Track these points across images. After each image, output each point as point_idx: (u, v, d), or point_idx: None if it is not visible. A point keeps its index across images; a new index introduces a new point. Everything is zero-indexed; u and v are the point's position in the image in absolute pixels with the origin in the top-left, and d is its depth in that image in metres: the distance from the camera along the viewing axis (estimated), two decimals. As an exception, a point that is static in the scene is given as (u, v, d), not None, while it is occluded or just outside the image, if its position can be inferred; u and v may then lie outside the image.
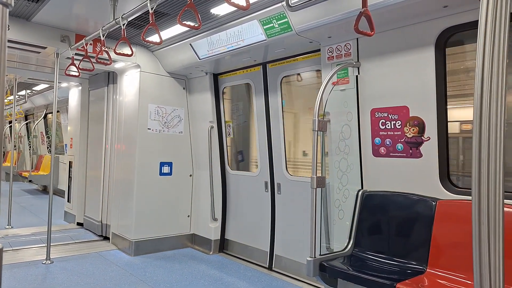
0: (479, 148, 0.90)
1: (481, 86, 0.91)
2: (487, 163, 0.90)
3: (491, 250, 0.92)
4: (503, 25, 0.89)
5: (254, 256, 4.51)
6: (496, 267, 0.92)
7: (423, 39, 2.72)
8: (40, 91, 8.72)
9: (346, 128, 3.23)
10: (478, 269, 0.94)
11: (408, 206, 2.78)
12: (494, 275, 0.92)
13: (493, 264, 0.92)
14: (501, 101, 0.89)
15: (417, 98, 2.77)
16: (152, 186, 4.84)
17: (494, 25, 0.89)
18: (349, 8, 2.72)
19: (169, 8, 3.50)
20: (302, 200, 3.93)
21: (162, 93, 4.97)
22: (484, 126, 0.90)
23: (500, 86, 0.90)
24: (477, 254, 0.94)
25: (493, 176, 0.90)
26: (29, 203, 8.34)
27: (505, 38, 0.90)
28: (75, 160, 6.30)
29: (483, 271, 0.94)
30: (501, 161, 0.90)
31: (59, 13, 3.83)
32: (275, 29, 3.34)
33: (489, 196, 0.90)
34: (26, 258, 4.42)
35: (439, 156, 2.70)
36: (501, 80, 0.90)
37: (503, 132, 0.90)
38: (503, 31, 0.90)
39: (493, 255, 0.92)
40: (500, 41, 0.90)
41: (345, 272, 2.58)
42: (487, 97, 0.89)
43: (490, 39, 0.89)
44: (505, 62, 0.90)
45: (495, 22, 0.89)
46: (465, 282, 2.34)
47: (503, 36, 0.90)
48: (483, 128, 0.89)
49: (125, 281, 3.80)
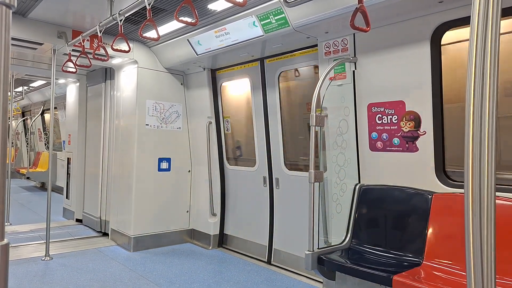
0: (471, 142, 0.92)
1: (473, 80, 0.93)
2: (479, 156, 0.92)
3: (483, 241, 0.94)
4: (494, 20, 0.91)
5: (253, 251, 4.55)
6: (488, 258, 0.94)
7: (418, 35, 2.73)
8: (37, 88, 8.68)
9: (343, 123, 3.25)
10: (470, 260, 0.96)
11: (405, 200, 2.82)
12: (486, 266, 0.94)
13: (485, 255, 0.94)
14: (493, 95, 0.91)
15: (413, 93, 2.80)
16: (150, 182, 4.86)
17: (486, 21, 0.91)
18: (345, 4, 2.73)
19: (166, 3, 3.50)
20: (300, 194, 3.96)
21: (160, 89, 4.97)
22: (475, 120, 0.92)
23: (491, 81, 0.92)
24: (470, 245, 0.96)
25: (484, 169, 0.92)
26: (27, 200, 8.34)
27: (496, 34, 0.92)
28: (73, 156, 6.31)
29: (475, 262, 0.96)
30: (493, 154, 0.92)
31: (55, 9, 3.82)
32: (272, 25, 3.35)
33: (480, 189, 0.92)
34: (25, 255, 4.44)
35: (434, 150, 2.73)
36: (492, 75, 0.92)
37: (495, 126, 0.92)
38: (495, 26, 0.91)
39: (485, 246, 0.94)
40: (492, 37, 0.92)
41: (343, 265, 2.62)
42: (479, 90, 0.92)
43: (482, 34, 0.91)
44: (497, 57, 0.92)
45: (486, 17, 0.90)
46: (460, 274, 2.38)
47: (495, 32, 0.92)
48: (474, 122, 0.92)
49: (125, 277, 3.83)
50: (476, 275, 0.93)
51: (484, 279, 0.92)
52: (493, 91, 0.90)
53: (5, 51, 0.76)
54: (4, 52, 0.76)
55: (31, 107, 11.45)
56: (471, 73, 0.92)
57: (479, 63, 0.91)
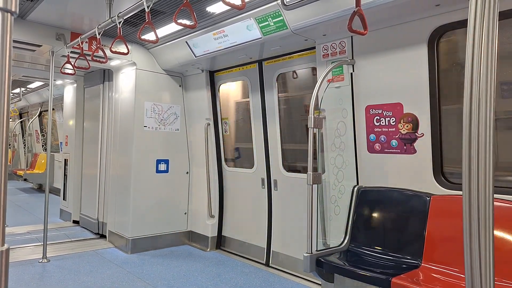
0: (469, 144, 0.92)
1: (470, 82, 0.93)
2: (477, 158, 0.92)
3: (481, 243, 0.94)
4: (491, 23, 0.92)
5: (251, 253, 4.54)
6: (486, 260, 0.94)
7: (416, 37, 2.75)
8: (34, 89, 8.66)
9: (341, 124, 3.26)
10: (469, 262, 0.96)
11: (403, 202, 2.82)
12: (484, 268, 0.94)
13: (483, 257, 0.94)
14: (490, 97, 0.92)
15: (411, 95, 2.81)
16: (148, 184, 4.85)
17: (483, 24, 0.91)
18: (343, 7, 2.74)
19: (164, 6, 3.50)
20: (299, 196, 3.96)
21: (158, 90, 4.97)
22: (474, 122, 0.92)
23: (489, 83, 0.92)
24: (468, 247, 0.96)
25: (483, 171, 0.92)
26: (24, 202, 8.30)
27: (494, 36, 0.92)
28: (70, 158, 6.28)
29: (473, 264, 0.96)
30: (491, 156, 0.92)
31: (54, 11, 3.81)
32: (270, 27, 3.36)
33: (479, 191, 0.93)
34: (22, 257, 4.41)
35: (432, 152, 2.73)
36: (490, 77, 0.92)
37: (493, 128, 0.93)
38: (492, 29, 0.92)
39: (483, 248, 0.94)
40: (489, 40, 0.92)
41: (342, 267, 2.61)
42: (477, 93, 0.92)
43: (479, 37, 0.92)
44: (494, 60, 0.92)
45: (483, 20, 0.91)
46: (458, 276, 2.38)
47: (492, 35, 0.92)
48: (472, 124, 0.92)
49: (123, 279, 3.81)
50: (474, 277, 0.93)
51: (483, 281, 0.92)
52: (490, 92, 0.91)
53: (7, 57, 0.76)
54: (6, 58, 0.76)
55: (29, 109, 11.42)
56: (469, 75, 0.93)
57: (476, 66, 0.91)
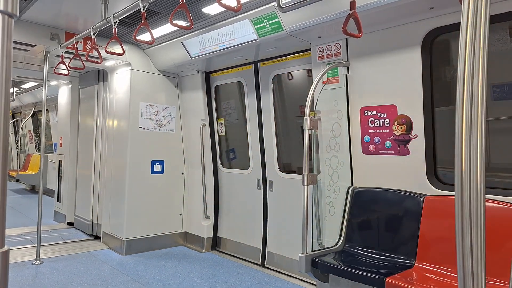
0: (462, 145, 0.94)
1: (462, 84, 0.95)
2: (469, 159, 0.94)
3: (473, 243, 0.96)
4: (483, 27, 0.94)
5: (247, 253, 4.54)
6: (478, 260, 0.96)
7: (410, 40, 2.78)
8: (28, 89, 8.59)
9: (336, 126, 3.28)
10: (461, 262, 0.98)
11: (397, 202, 2.85)
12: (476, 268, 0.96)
13: (475, 257, 0.96)
14: (482, 98, 0.94)
15: (405, 97, 2.84)
16: (143, 185, 4.83)
17: (475, 27, 0.94)
18: (338, 9, 2.77)
19: (160, 6, 3.50)
20: (294, 197, 3.97)
21: (154, 91, 4.96)
22: (466, 123, 0.94)
23: (480, 85, 0.94)
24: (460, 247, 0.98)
25: (475, 171, 0.94)
26: (17, 203, 8.22)
27: (485, 39, 0.94)
28: (65, 159, 6.24)
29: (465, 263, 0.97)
30: (483, 157, 0.94)
31: (48, 11, 3.79)
32: (266, 29, 3.37)
33: (471, 191, 0.94)
34: (15, 259, 4.37)
35: (426, 153, 2.77)
36: (481, 79, 0.94)
37: (485, 130, 0.95)
38: (483, 32, 0.94)
39: (475, 248, 0.96)
40: (481, 42, 0.94)
41: (336, 268, 2.63)
42: (469, 94, 0.94)
43: (471, 40, 0.94)
44: (485, 62, 0.95)
45: (475, 24, 0.93)
46: (451, 275, 2.41)
47: (483, 38, 0.94)
48: (465, 125, 0.94)
49: (117, 281, 3.80)
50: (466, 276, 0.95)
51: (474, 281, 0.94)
52: (482, 95, 0.93)
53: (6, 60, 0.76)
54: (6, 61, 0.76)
55: (22, 109, 11.32)
56: (461, 77, 0.95)
57: (468, 68, 0.93)
